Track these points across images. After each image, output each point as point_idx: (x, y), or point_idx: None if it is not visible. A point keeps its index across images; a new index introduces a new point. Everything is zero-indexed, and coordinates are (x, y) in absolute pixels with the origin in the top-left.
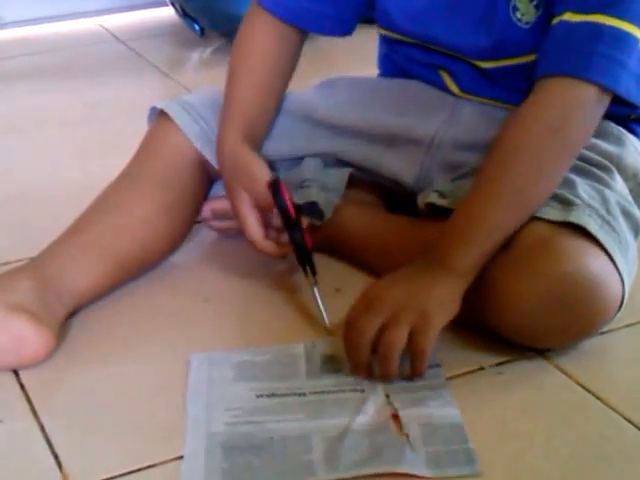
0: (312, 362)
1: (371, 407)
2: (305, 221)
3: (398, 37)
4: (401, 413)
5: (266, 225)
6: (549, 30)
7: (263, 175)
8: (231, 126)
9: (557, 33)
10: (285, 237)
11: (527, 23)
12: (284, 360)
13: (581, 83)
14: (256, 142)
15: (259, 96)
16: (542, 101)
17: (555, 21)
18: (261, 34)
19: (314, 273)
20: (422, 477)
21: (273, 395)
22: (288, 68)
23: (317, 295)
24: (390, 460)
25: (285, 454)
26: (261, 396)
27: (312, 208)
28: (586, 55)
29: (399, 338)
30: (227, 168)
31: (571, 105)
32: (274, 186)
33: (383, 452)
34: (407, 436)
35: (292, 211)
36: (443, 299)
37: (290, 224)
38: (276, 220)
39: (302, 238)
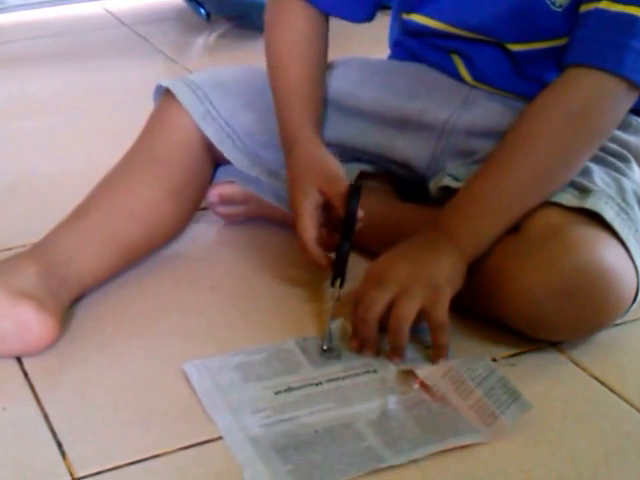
0: (309, 353)
1: (395, 384)
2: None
3: (422, 21)
4: (427, 380)
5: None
6: (583, 15)
7: (343, 178)
8: (300, 120)
9: (591, 21)
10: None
11: (560, 6)
12: (281, 355)
13: (611, 76)
14: (321, 135)
15: (314, 86)
16: (567, 88)
17: (589, 7)
18: (298, 22)
19: (341, 285)
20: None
21: (290, 389)
22: (326, 56)
23: (332, 308)
24: (448, 434)
25: (338, 445)
26: (279, 392)
27: None
28: (620, 49)
29: (410, 311)
30: (301, 165)
31: (597, 95)
32: (355, 190)
33: (435, 425)
34: (443, 397)
35: (357, 222)
36: (449, 271)
37: (348, 233)
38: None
39: (349, 251)
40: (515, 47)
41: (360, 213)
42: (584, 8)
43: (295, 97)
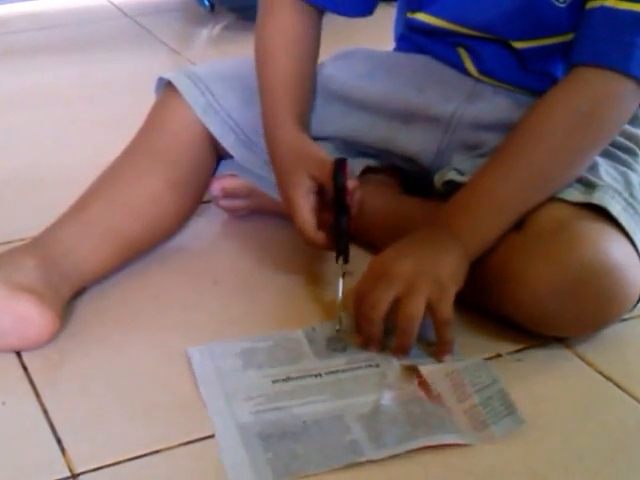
0: (316, 344)
1: (394, 379)
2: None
3: (427, 20)
4: (428, 378)
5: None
6: (588, 13)
7: (329, 160)
8: (284, 112)
9: (598, 18)
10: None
11: (564, 2)
12: (286, 344)
13: (620, 76)
14: (306, 126)
15: (301, 80)
16: (575, 87)
17: (595, 4)
18: (288, 16)
19: (346, 261)
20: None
21: (289, 379)
22: (317, 51)
23: (340, 285)
24: (435, 431)
25: (324, 437)
26: (277, 381)
27: None
28: (627, 47)
29: (418, 310)
30: (287, 155)
31: (605, 94)
32: (338, 165)
33: (425, 422)
34: (439, 396)
35: (349, 194)
36: (453, 267)
37: (341, 207)
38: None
39: (349, 224)
40: (519, 44)
41: (352, 183)
42: (590, 5)
43: (279, 89)
